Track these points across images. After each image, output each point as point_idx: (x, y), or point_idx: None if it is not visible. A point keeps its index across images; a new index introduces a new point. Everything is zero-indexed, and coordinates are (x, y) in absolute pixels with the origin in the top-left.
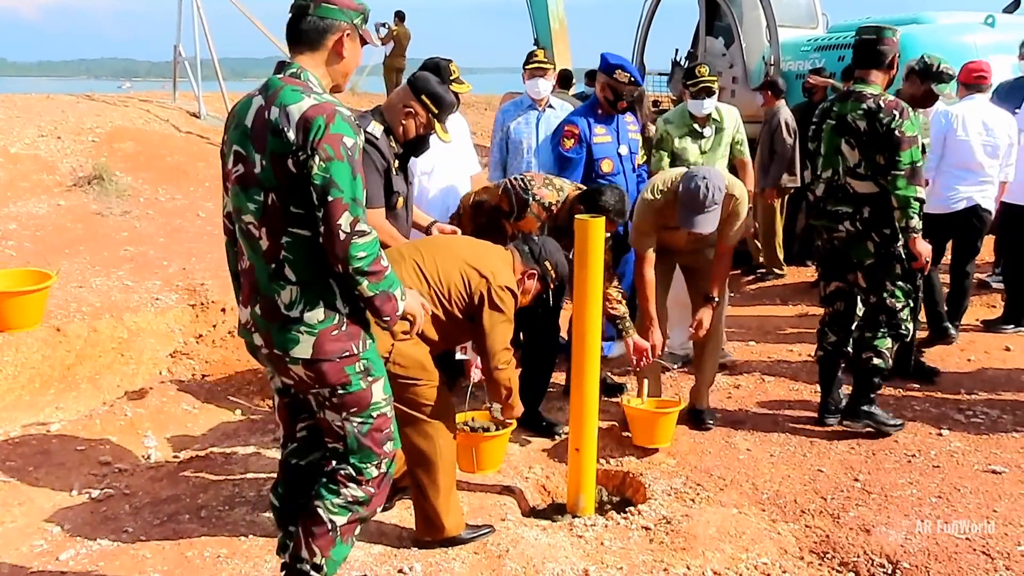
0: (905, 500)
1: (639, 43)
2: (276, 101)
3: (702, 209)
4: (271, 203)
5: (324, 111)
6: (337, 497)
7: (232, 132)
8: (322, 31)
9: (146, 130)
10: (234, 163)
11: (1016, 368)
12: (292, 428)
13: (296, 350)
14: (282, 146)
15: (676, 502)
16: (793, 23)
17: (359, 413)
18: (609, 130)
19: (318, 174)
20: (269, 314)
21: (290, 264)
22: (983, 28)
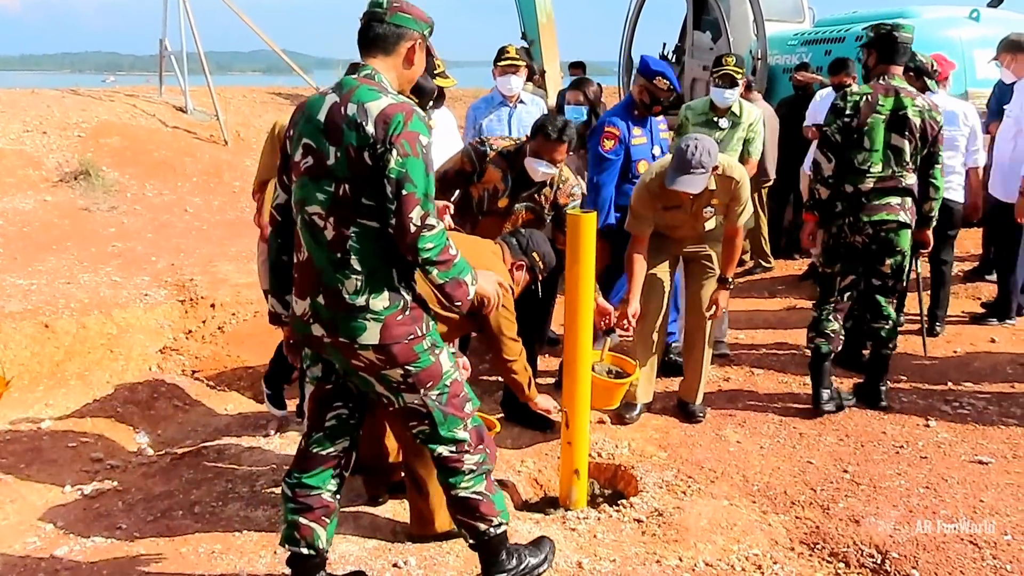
0: (893, 491)
1: (627, 37)
2: (353, 98)
3: (688, 168)
4: (342, 194)
5: (403, 109)
6: (463, 475)
7: (303, 126)
8: (396, 38)
9: (132, 125)
10: (303, 156)
11: (1002, 360)
12: (322, 418)
13: (364, 337)
14: (360, 139)
15: (668, 494)
16: (780, 17)
17: (435, 386)
18: (644, 131)
19: (394, 168)
20: (334, 303)
21: (356, 254)
22: (968, 22)
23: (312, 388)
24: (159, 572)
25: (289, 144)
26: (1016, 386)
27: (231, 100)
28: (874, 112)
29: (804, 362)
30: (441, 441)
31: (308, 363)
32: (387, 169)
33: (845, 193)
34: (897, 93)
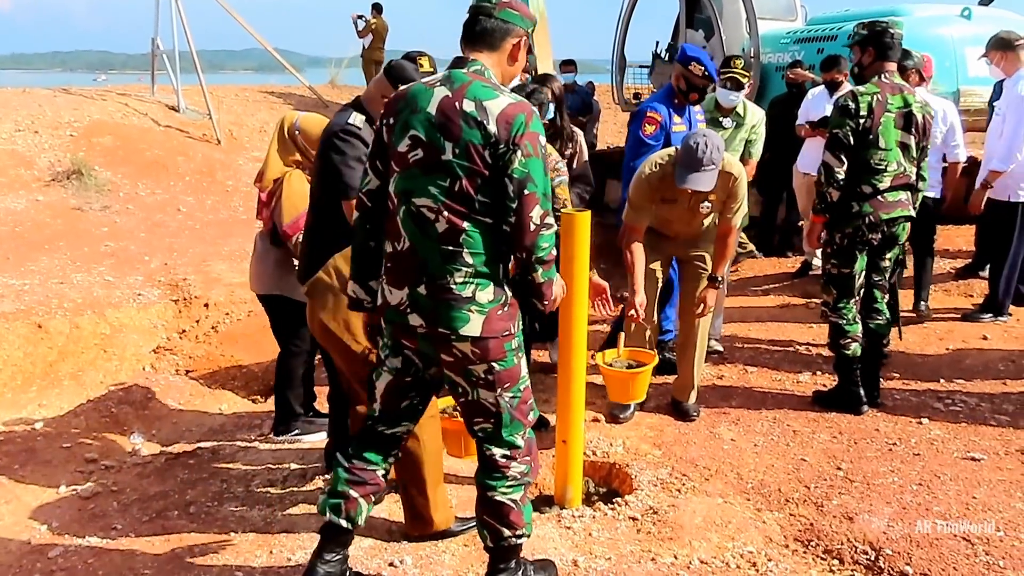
0: (887, 488)
1: (620, 36)
2: (468, 94)
3: (699, 167)
4: (458, 189)
5: (524, 110)
6: (506, 480)
7: (409, 117)
8: (503, 33)
9: (124, 124)
10: (411, 147)
11: (993, 357)
12: (395, 404)
13: (466, 328)
14: (483, 137)
15: (662, 492)
16: (772, 16)
17: (511, 387)
18: (684, 120)
19: (518, 168)
20: (439, 294)
21: (469, 247)
22: (959, 20)
23: (389, 378)
24: (155, 572)
25: (387, 132)
26: (1008, 383)
27: (223, 99)
28: (885, 111)
29: (797, 359)
30: (500, 443)
31: (387, 353)
32: (510, 169)
33: (863, 193)
34: (901, 90)
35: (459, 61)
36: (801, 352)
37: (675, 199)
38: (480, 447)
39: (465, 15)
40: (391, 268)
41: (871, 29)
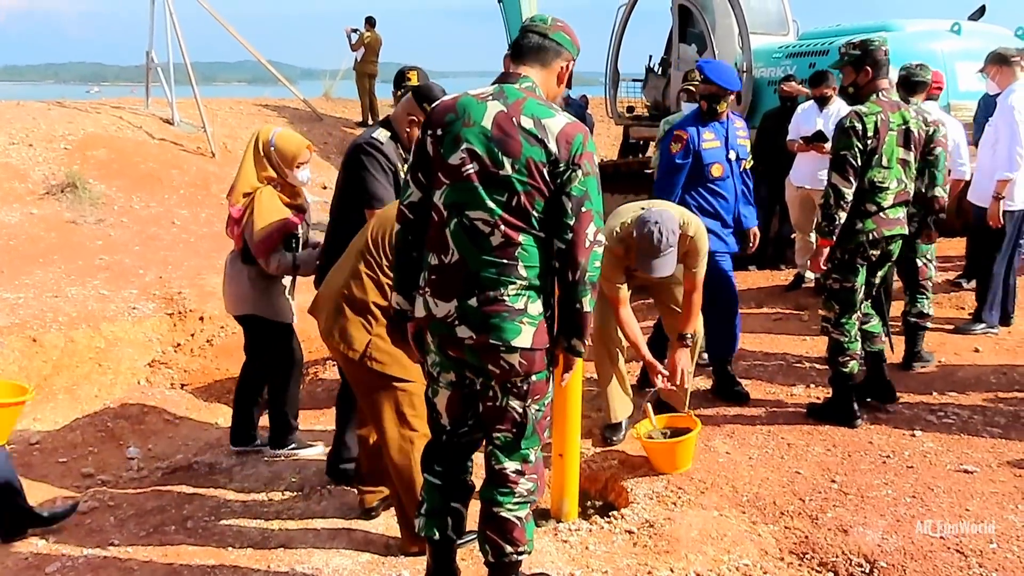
0: (881, 500)
1: (613, 49)
2: (525, 111)
3: (658, 253)
4: (516, 204)
5: (581, 130)
6: (513, 496)
7: (461, 129)
8: (555, 53)
9: (119, 137)
10: (466, 160)
11: (985, 370)
12: (464, 415)
13: (518, 339)
14: (543, 155)
15: (658, 505)
16: (765, 30)
17: (540, 399)
18: (718, 135)
19: (577, 187)
20: (492, 306)
21: (523, 260)
22: (949, 35)
23: (448, 393)
24: None
25: (434, 143)
26: (1000, 395)
27: (218, 112)
28: (889, 130)
29: (791, 372)
30: (515, 456)
31: (438, 369)
32: (570, 187)
33: (867, 211)
34: (899, 107)
35: (506, 76)
36: (795, 365)
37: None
38: (489, 461)
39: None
40: (436, 280)
41: (864, 48)
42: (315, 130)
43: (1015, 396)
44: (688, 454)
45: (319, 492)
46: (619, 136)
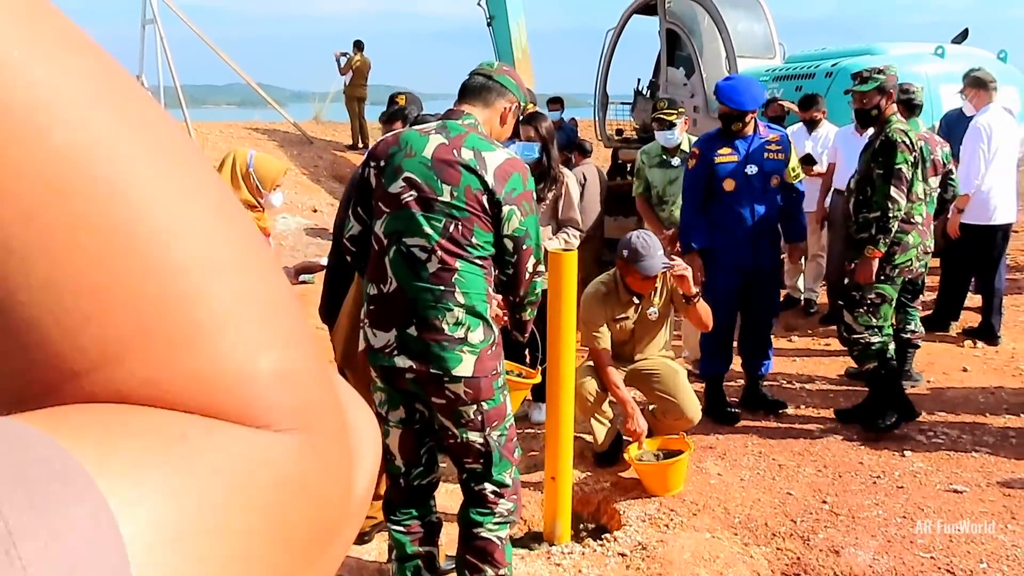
0: (872, 521)
1: (602, 72)
2: (466, 143)
3: (644, 257)
4: (454, 230)
5: (519, 168)
6: (493, 517)
7: (403, 160)
8: (498, 94)
9: None
10: (405, 188)
11: (974, 389)
12: (417, 454)
13: (459, 368)
14: (480, 184)
15: (651, 528)
16: (752, 54)
17: (499, 425)
18: (736, 150)
19: (519, 228)
20: (430, 334)
21: (461, 287)
22: (933, 58)
23: (399, 432)
24: None
25: (376, 175)
26: (988, 415)
27: (208, 135)
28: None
29: (781, 393)
30: (490, 481)
31: (386, 407)
32: (510, 228)
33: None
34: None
35: (451, 113)
36: (784, 386)
37: (626, 314)
38: (468, 484)
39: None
40: (375, 311)
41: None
42: (305, 153)
43: (1003, 415)
44: (680, 476)
45: None
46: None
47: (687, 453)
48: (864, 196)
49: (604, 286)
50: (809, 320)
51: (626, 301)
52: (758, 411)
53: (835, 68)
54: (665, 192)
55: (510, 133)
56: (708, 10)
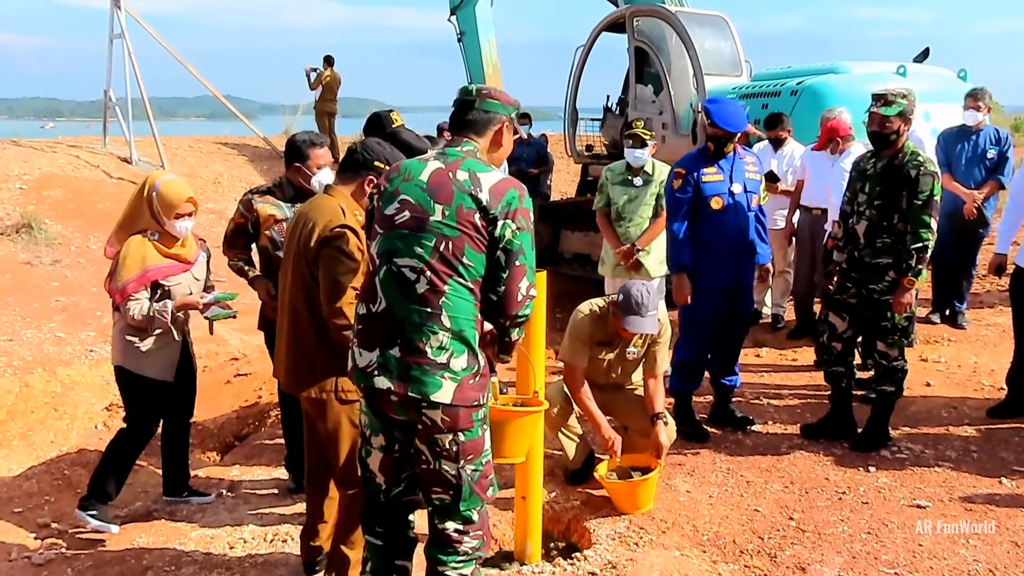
0: (837, 537)
1: (571, 90)
2: (462, 167)
3: (643, 312)
4: (444, 250)
5: (516, 186)
6: (458, 556)
7: (400, 184)
8: (486, 122)
9: (76, 176)
10: (399, 210)
11: (936, 403)
12: (397, 477)
13: (438, 394)
14: (473, 202)
15: (620, 546)
16: (719, 71)
17: (474, 460)
18: (721, 169)
19: (513, 240)
20: (413, 356)
21: (448, 310)
22: (895, 77)
23: (380, 456)
24: None
25: (378, 200)
26: (951, 429)
27: (177, 150)
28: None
29: (749, 408)
30: (456, 517)
31: (369, 431)
32: (504, 241)
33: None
34: None
35: (451, 143)
36: (752, 402)
37: (609, 342)
38: (432, 520)
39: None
40: (362, 330)
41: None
42: (275, 168)
43: (965, 430)
44: (650, 494)
45: (282, 539)
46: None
47: (656, 470)
48: (887, 222)
49: (599, 310)
50: (776, 335)
51: (612, 332)
52: (726, 427)
53: (800, 86)
54: (624, 209)
55: (510, 149)
56: (676, 28)
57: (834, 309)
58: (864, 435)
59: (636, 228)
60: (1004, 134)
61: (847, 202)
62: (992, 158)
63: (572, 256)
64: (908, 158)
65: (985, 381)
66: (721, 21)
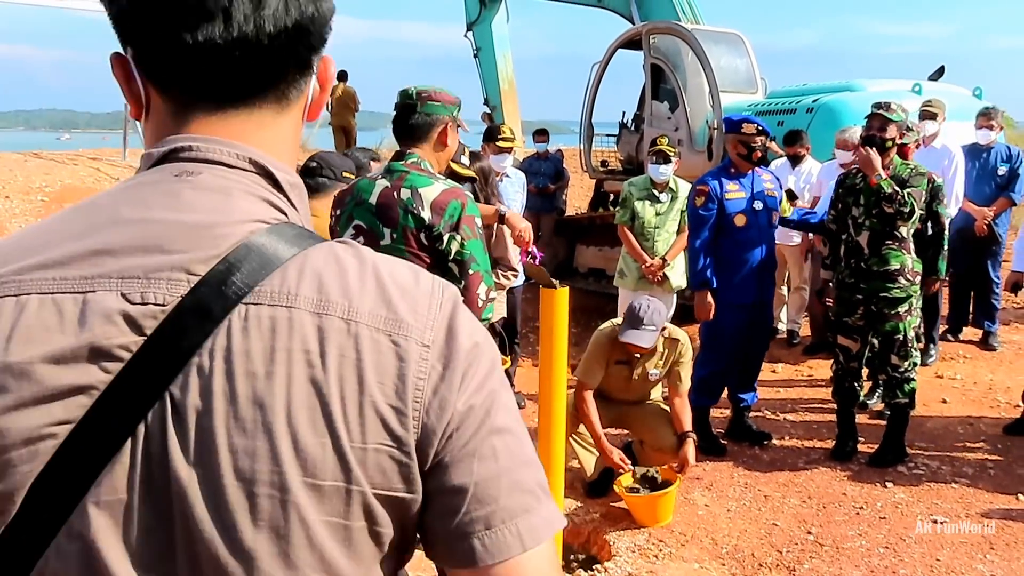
0: (855, 551)
1: (587, 106)
2: (405, 183)
3: (639, 325)
4: None
5: (457, 196)
6: None
7: (352, 208)
8: (429, 125)
9: (97, 188)
10: (354, 236)
11: (953, 420)
12: None
13: None
14: (416, 222)
15: (640, 558)
16: (735, 88)
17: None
18: (743, 187)
19: (461, 251)
20: None
21: None
22: (911, 95)
23: None
24: None
25: (336, 223)
26: (967, 445)
27: None
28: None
29: (765, 423)
30: None
31: None
32: (454, 253)
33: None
34: None
35: (398, 155)
36: (768, 417)
37: (627, 360)
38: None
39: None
40: None
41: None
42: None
43: (981, 446)
44: (669, 507)
45: None
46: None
47: (676, 484)
48: (891, 227)
49: (617, 328)
50: (792, 351)
51: (629, 351)
52: (743, 442)
53: (816, 104)
54: (650, 225)
55: (456, 145)
56: (691, 46)
57: (844, 333)
58: (881, 451)
59: (663, 243)
60: (1016, 151)
61: (832, 220)
62: (1003, 175)
63: (587, 271)
64: (899, 168)
65: (1001, 398)
66: (737, 39)
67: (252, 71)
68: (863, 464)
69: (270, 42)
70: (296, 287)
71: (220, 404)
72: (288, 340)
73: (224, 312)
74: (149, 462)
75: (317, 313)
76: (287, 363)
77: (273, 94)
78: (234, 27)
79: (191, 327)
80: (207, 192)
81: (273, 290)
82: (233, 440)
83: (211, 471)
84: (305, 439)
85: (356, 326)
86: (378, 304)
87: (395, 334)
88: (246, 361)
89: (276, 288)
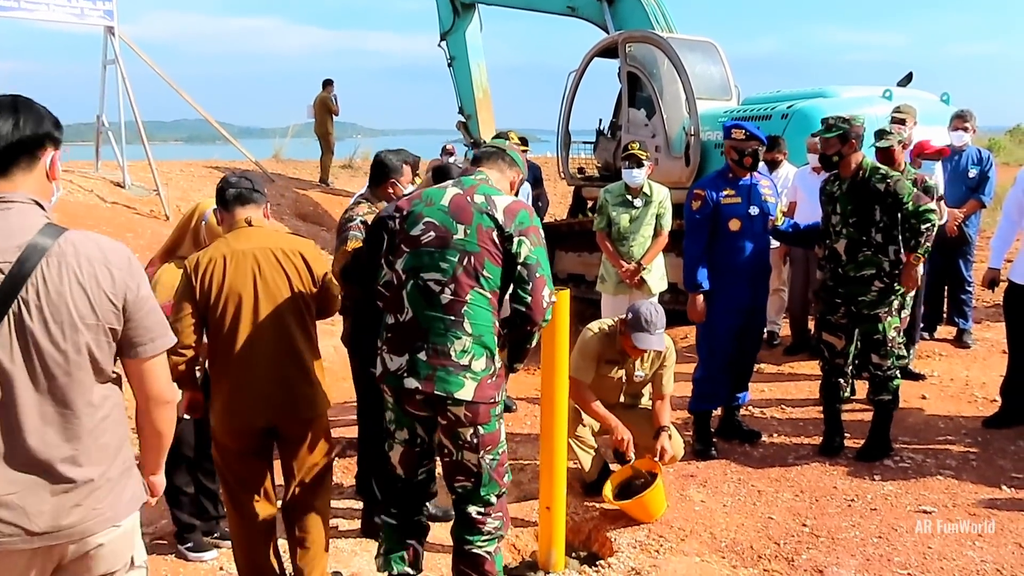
0: (850, 541)
1: (564, 114)
2: (478, 191)
3: (652, 329)
4: (466, 264)
5: (526, 207)
6: (482, 535)
7: (424, 208)
8: (508, 164)
9: (70, 201)
10: (424, 231)
11: (933, 416)
12: (415, 471)
13: (461, 392)
14: (490, 222)
15: (642, 554)
16: (710, 95)
17: (492, 450)
18: (739, 192)
19: (530, 256)
20: (439, 359)
21: (469, 318)
22: (881, 101)
23: (401, 449)
24: None
25: (402, 222)
26: (949, 439)
27: (169, 174)
28: None
29: (753, 421)
30: (477, 500)
31: (394, 426)
32: (522, 257)
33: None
34: None
35: (466, 172)
36: (756, 415)
37: (617, 360)
38: (457, 506)
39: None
40: (392, 338)
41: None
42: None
43: (962, 440)
44: (660, 500)
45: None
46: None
47: (659, 476)
48: (866, 236)
49: (607, 329)
50: (773, 352)
51: (619, 351)
52: (733, 439)
53: (790, 110)
54: (626, 229)
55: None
56: (667, 54)
57: (828, 330)
58: (867, 446)
59: (639, 247)
60: (986, 155)
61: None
62: (974, 177)
63: (567, 276)
64: (869, 174)
65: (978, 393)
66: (711, 47)
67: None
68: (850, 458)
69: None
70: (63, 246)
71: (44, 298)
72: (65, 268)
73: (36, 262)
74: (18, 322)
75: (75, 256)
76: (67, 277)
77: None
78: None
79: (25, 267)
80: (16, 215)
81: (56, 248)
82: (51, 310)
83: (44, 322)
84: (79, 305)
85: (90, 260)
86: (95, 250)
87: (107, 263)
88: (50, 279)
89: (57, 248)
